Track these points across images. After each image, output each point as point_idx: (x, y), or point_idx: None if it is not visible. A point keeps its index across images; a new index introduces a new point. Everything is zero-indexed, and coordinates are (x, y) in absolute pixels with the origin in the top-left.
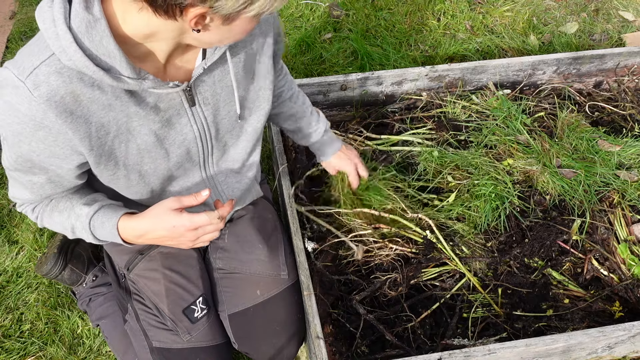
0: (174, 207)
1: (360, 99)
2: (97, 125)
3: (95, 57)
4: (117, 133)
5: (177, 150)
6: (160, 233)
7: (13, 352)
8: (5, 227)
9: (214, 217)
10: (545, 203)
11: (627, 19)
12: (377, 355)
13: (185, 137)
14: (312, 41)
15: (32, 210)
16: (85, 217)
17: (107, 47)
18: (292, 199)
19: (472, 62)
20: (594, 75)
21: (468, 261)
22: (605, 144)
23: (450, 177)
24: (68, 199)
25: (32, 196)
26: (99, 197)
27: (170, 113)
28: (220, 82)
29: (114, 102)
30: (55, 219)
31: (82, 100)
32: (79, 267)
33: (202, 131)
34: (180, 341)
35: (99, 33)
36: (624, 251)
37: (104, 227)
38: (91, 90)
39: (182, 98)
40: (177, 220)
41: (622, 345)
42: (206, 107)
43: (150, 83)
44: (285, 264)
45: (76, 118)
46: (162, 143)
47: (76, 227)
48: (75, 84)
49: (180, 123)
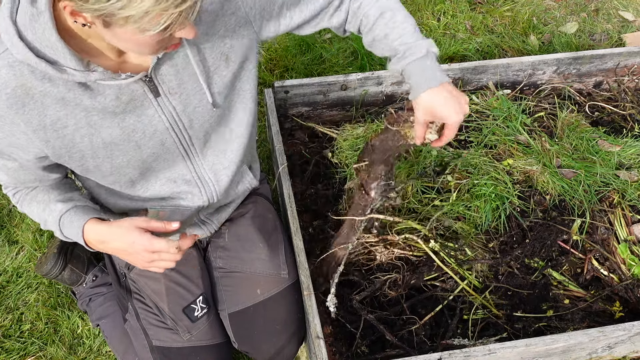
0: (140, 226)
1: (360, 99)
2: (53, 119)
3: (38, 49)
4: (76, 127)
5: (149, 142)
6: (119, 245)
7: (13, 352)
8: (5, 227)
9: (173, 246)
10: (546, 203)
11: (627, 19)
12: (377, 355)
13: (156, 129)
14: (312, 41)
15: (13, 195)
16: (58, 213)
17: (50, 39)
18: (292, 198)
19: (472, 62)
20: (594, 75)
21: (469, 263)
22: (605, 144)
23: (450, 177)
24: (47, 192)
25: (9, 179)
26: (76, 197)
27: (134, 105)
28: (185, 70)
29: (67, 95)
30: (33, 209)
31: (34, 94)
32: (79, 267)
33: (173, 122)
34: (180, 340)
35: (41, 25)
36: (624, 251)
37: (72, 226)
38: (42, 84)
39: (144, 89)
40: (138, 238)
41: (622, 345)
42: (173, 97)
43: (99, 75)
44: (285, 263)
45: (29, 111)
46: (131, 136)
47: (48, 220)
48: (26, 77)
49: (147, 115)
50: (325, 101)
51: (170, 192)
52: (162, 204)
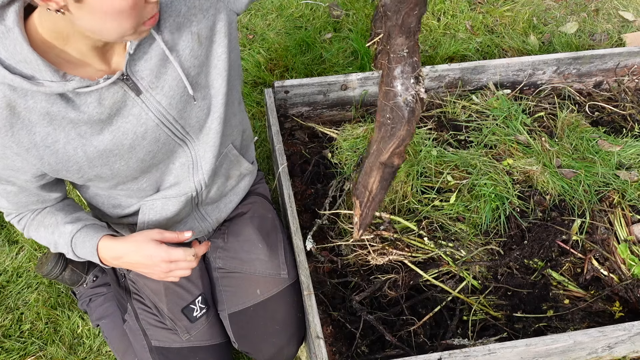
0: (155, 238)
1: (361, 99)
2: (42, 135)
3: (13, 66)
4: (67, 139)
5: (143, 142)
6: (136, 259)
7: (13, 352)
8: (5, 227)
9: (190, 254)
10: (545, 203)
11: (627, 19)
12: (377, 355)
13: (146, 127)
14: (312, 41)
15: (18, 221)
16: (69, 234)
17: (21, 52)
18: (292, 198)
19: (472, 62)
20: (594, 75)
21: (469, 265)
22: (605, 144)
23: (450, 177)
24: (53, 215)
25: (10, 205)
26: (83, 216)
27: (117, 107)
28: (161, 62)
29: (52, 109)
30: (41, 233)
31: (19, 112)
32: (79, 267)
33: (162, 117)
34: (179, 340)
35: (12, 41)
36: (624, 251)
37: (85, 246)
38: (24, 101)
39: (124, 89)
40: (155, 250)
41: (622, 345)
42: (155, 92)
43: (76, 83)
44: (285, 263)
45: (17, 130)
46: (122, 140)
47: (59, 243)
48: (9, 97)
49: (133, 114)
50: (325, 101)
51: (175, 180)
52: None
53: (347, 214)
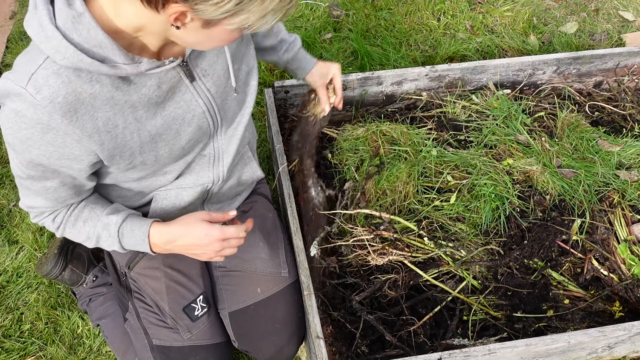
0: (205, 218)
1: (360, 99)
2: (104, 120)
3: (87, 50)
4: (125, 124)
5: (188, 129)
6: (190, 240)
7: (13, 352)
8: (5, 227)
9: (241, 230)
10: (545, 203)
11: (627, 19)
12: (377, 355)
13: (194, 114)
14: (312, 41)
15: (53, 220)
16: (115, 225)
17: (96, 37)
18: (292, 198)
19: (472, 62)
20: (594, 75)
21: (469, 265)
22: (605, 144)
23: (450, 177)
24: (90, 209)
25: (46, 202)
26: (120, 207)
27: (172, 92)
28: (212, 51)
29: (115, 94)
30: (79, 228)
31: (84, 98)
32: (79, 267)
33: (209, 104)
34: (180, 339)
35: (85, 26)
36: (624, 251)
37: (134, 235)
38: (91, 86)
39: (180, 75)
40: (209, 229)
41: (622, 345)
42: (206, 79)
43: (146, 65)
44: (285, 263)
45: (81, 116)
46: (172, 124)
47: (102, 235)
48: (74, 83)
49: (185, 100)
50: None
51: (195, 170)
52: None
53: (347, 214)
